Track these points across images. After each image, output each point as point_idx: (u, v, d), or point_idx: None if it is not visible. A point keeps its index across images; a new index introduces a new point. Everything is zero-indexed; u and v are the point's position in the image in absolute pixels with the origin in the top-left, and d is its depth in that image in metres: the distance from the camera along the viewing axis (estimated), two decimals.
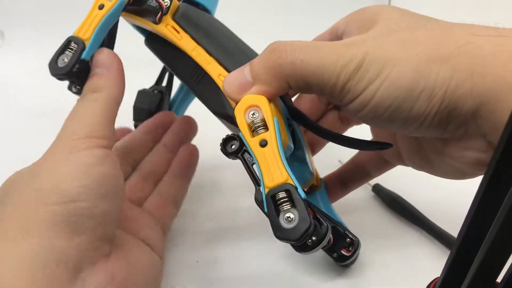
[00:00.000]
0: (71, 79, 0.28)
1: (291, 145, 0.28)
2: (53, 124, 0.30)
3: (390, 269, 0.33)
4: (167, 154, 0.36)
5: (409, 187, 0.40)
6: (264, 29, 0.71)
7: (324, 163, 0.40)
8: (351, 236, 0.31)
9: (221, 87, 0.28)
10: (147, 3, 0.30)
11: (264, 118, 0.25)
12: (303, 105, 0.35)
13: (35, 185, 0.23)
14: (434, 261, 0.32)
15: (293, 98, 0.36)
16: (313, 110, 0.36)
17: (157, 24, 0.30)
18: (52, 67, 0.28)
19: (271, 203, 0.23)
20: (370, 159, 0.36)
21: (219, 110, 0.30)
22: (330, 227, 0.25)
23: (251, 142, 0.25)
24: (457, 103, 0.23)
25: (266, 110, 0.25)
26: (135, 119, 0.41)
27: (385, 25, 0.26)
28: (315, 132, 0.31)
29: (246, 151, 0.26)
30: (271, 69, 0.25)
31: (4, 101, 0.60)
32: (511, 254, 0.17)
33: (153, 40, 0.33)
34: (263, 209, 0.24)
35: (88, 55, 0.28)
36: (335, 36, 0.31)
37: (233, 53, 0.30)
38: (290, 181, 0.24)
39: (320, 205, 0.34)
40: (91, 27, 0.28)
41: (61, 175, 0.23)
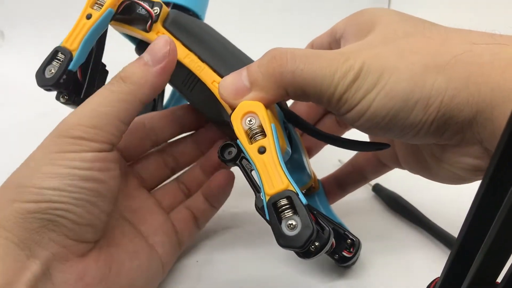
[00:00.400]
0: (58, 89, 0.28)
1: (289, 149, 0.28)
2: (53, 124, 0.30)
3: (390, 269, 0.33)
4: (203, 174, 0.35)
5: (409, 187, 0.40)
6: (262, 29, 0.71)
7: (324, 163, 0.40)
8: (351, 237, 0.31)
9: (215, 93, 0.28)
10: (136, 11, 0.29)
11: (261, 124, 0.25)
12: (300, 108, 0.35)
13: (18, 178, 0.24)
14: (434, 261, 0.32)
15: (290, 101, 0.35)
16: (310, 113, 0.36)
17: (148, 32, 0.29)
18: (39, 78, 0.27)
19: (272, 210, 0.23)
20: (368, 161, 0.35)
21: (214, 117, 0.30)
22: (332, 231, 0.25)
23: (250, 149, 0.24)
24: (453, 112, 0.23)
25: (263, 116, 0.25)
26: None
27: (382, 31, 0.26)
28: (312, 135, 0.30)
29: (244, 157, 0.26)
30: (270, 76, 0.25)
31: (4, 101, 0.60)
32: (511, 254, 0.17)
33: (144, 48, 0.31)
34: (265, 217, 0.24)
35: (75, 66, 0.27)
36: (333, 38, 0.31)
37: (226, 58, 0.29)
38: (290, 188, 0.23)
39: (319, 206, 0.34)
40: (78, 37, 0.27)
41: (42, 175, 0.23)
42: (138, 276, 0.28)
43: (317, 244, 0.24)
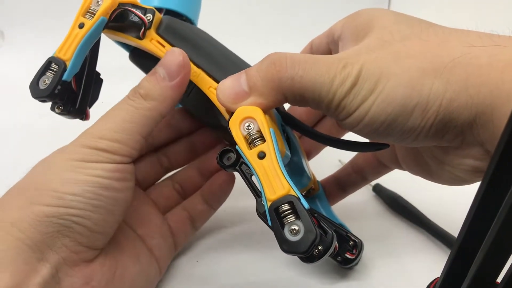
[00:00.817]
0: (53, 100, 0.27)
1: (288, 153, 0.28)
2: (53, 124, 0.30)
3: (390, 269, 0.33)
4: (200, 176, 0.35)
5: (409, 187, 0.40)
6: (257, 33, 0.70)
7: (324, 163, 0.40)
8: (353, 238, 0.31)
9: (212, 99, 0.28)
10: (128, 19, 0.29)
11: (260, 129, 0.25)
12: (298, 110, 0.35)
13: (37, 181, 0.24)
14: (434, 261, 0.32)
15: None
16: (309, 115, 0.36)
17: (141, 39, 0.29)
18: (33, 89, 0.27)
19: (274, 216, 0.23)
20: (368, 162, 0.35)
21: (211, 121, 0.30)
22: (335, 235, 0.25)
23: (249, 154, 0.24)
24: (452, 115, 0.23)
25: (262, 121, 0.25)
26: None
27: (378, 34, 0.26)
28: (310, 137, 0.30)
29: (244, 163, 0.26)
30: (269, 82, 0.25)
31: (4, 101, 0.60)
32: (511, 254, 0.17)
33: (138, 55, 0.32)
34: (267, 223, 0.24)
35: (69, 76, 0.27)
36: (331, 39, 0.31)
37: (222, 64, 0.29)
38: (292, 192, 0.23)
39: (319, 208, 0.34)
40: (71, 47, 0.27)
41: (62, 180, 0.24)
42: (139, 280, 0.29)
43: (320, 248, 0.23)
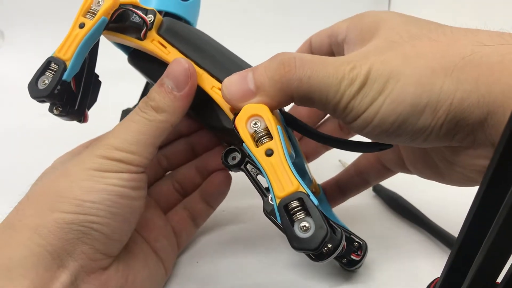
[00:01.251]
0: (52, 101, 0.27)
1: (293, 152, 0.28)
2: (53, 125, 0.30)
3: (390, 269, 0.33)
4: (199, 175, 0.35)
5: (409, 187, 0.40)
6: (256, 32, 0.70)
7: (325, 164, 0.40)
8: (357, 239, 0.31)
9: (215, 99, 0.28)
10: (130, 19, 0.28)
11: (267, 127, 0.25)
12: (301, 111, 0.35)
13: (57, 188, 0.25)
14: (434, 261, 0.32)
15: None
16: (312, 116, 0.35)
17: (142, 40, 0.29)
18: (32, 89, 0.27)
19: (284, 213, 0.23)
20: (371, 166, 0.35)
21: (214, 124, 0.29)
22: (343, 233, 0.25)
23: (256, 152, 0.24)
24: (463, 114, 0.23)
25: (269, 118, 0.25)
26: None
27: (386, 36, 0.25)
28: (313, 138, 0.30)
29: (249, 162, 0.26)
30: (277, 82, 0.24)
31: (4, 101, 0.60)
32: (511, 254, 0.17)
33: (137, 57, 0.31)
34: (275, 220, 0.23)
35: (69, 76, 0.27)
36: (334, 40, 0.30)
37: (223, 64, 0.29)
38: (301, 189, 0.23)
39: (320, 208, 0.34)
40: (72, 47, 0.27)
41: (81, 188, 0.24)
42: (149, 284, 0.29)
43: (329, 246, 0.23)
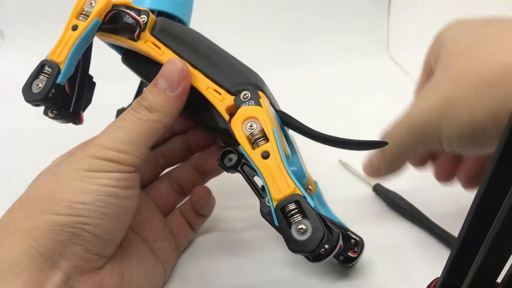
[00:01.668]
0: (47, 104, 0.27)
1: (289, 152, 0.28)
2: (53, 125, 0.30)
3: (391, 269, 0.33)
4: (197, 175, 0.35)
5: (409, 187, 0.40)
6: (252, 31, 0.70)
7: (324, 163, 0.40)
8: (354, 236, 0.31)
9: (210, 100, 0.28)
10: (123, 20, 0.28)
11: (263, 129, 0.25)
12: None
13: (48, 190, 0.25)
14: (434, 261, 0.32)
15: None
16: None
17: (136, 41, 0.29)
18: (26, 93, 0.27)
19: (281, 215, 0.23)
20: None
21: (210, 124, 0.29)
22: (340, 233, 0.25)
23: (253, 154, 0.24)
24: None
25: (265, 121, 0.25)
26: None
27: (446, 67, 0.28)
28: (310, 137, 0.30)
29: (246, 163, 0.26)
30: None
31: (4, 101, 0.60)
32: (511, 254, 0.17)
33: (131, 57, 0.31)
34: (273, 223, 0.24)
35: (64, 79, 0.27)
36: (428, 69, 0.32)
37: (218, 64, 0.29)
38: (298, 192, 0.23)
39: (318, 208, 0.34)
40: (65, 50, 0.27)
41: (72, 189, 0.24)
42: (145, 284, 0.29)
43: (327, 246, 0.23)
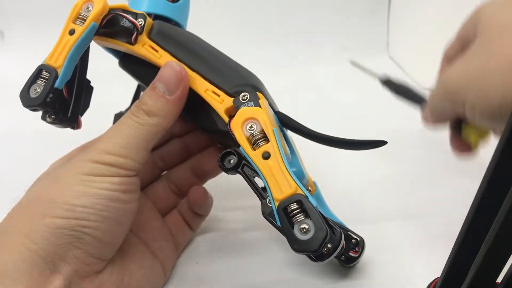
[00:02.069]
0: (45, 109, 0.27)
1: (289, 152, 0.28)
2: (52, 127, 0.30)
3: (391, 269, 0.33)
4: (195, 177, 0.35)
5: (410, 186, 0.40)
6: (250, 33, 0.69)
7: (324, 163, 0.40)
8: (355, 236, 0.31)
9: (209, 102, 0.27)
10: (120, 24, 0.28)
11: (263, 129, 0.24)
12: None
13: (49, 194, 0.25)
14: (434, 261, 0.32)
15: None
16: None
17: (133, 44, 0.28)
18: (24, 98, 0.26)
19: (283, 216, 0.23)
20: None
21: (209, 127, 0.29)
22: (342, 232, 0.25)
23: (253, 155, 0.24)
24: None
25: (265, 121, 0.24)
26: None
27: (484, 39, 0.27)
28: (307, 137, 0.30)
29: (246, 165, 0.26)
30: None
31: (3, 101, 0.60)
32: (511, 254, 0.17)
33: (128, 61, 0.31)
34: (275, 223, 0.23)
35: (61, 84, 0.26)
36: (463, 40, 0.31)
37: (216, 66, 0.29)
38: (299, 191, 0.23)
39: (318, 209, 0.34)
40: (62, 54, 0.26)
41: (73, 193, 0.24)
42: (145, 284, 0.29)
43: (329, 246, 0.23)
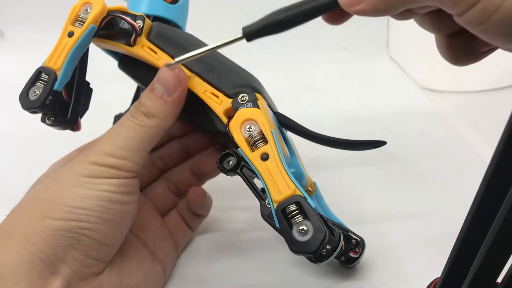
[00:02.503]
0: (44, 111, 0.27)
1: (288, 153, 0.28)
2: (52, 128, 0.30)
3: (390, 269, 0.33)
4: (194, 177, 0.35)
5: (409, 186, 0.40)
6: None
7: (324, 163, 0.40)
8: (355, 237, 0.31)
9: (208, 103, 0.27)
10: (118, 26, 0.28)
11: (261, 131, 0.24)
12: None
13: (48, 195, 0.25)
14: (434, 261, 0.32)
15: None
16: None
17: (132, 46, 0.29)
18: (23, 100, 0.26)
19: (282, 217, 0.23)
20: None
21: (208, 128, 0.29)
22: (341, 233, 0.25)
23: (252, 157, 0.24)
24: None
25: (263, 122, 0.24)
26: None
27: None
28: (306, 138, 0.30)
29: (245, 166, 0.26)
30: None
31: (3, 101, 0.60)
32: (511, 254, 0.17)
33: (127, 62, 0.31)
34: (274, 224, 0.23)
35: (61, 86, 0.27)
36: None
37: (215, 67, 0.29)
38: (298, 192, 0.23)
39: (318, 209, 0.34)
40: (61, 56, 0.26)
41: (72, 195, 0.24)
42: (145, 285, 0.29)
43: (328, 247, 0.23)
